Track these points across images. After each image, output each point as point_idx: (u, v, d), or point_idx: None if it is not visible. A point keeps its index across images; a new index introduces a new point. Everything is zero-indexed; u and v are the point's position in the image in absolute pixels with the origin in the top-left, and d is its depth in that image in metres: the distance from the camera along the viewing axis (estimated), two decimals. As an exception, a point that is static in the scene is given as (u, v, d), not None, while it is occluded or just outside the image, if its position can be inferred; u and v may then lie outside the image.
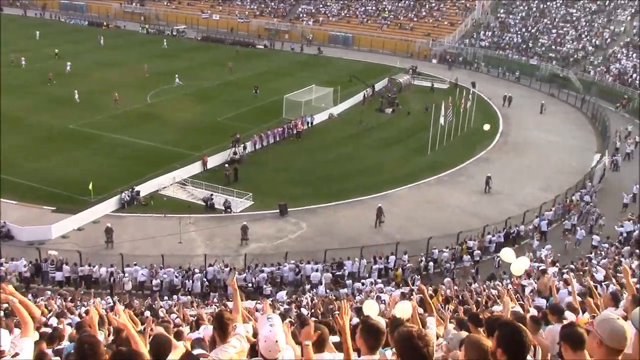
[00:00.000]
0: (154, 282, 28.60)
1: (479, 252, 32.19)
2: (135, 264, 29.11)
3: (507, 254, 6.55)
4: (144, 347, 4.93)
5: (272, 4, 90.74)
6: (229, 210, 35.56)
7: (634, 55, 64.05)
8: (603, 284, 15.38)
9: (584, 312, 9.30)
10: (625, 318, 5.87)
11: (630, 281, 7.81)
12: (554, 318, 7.71)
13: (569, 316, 8.17)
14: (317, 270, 29.44)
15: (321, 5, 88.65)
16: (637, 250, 27.82)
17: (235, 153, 42.51)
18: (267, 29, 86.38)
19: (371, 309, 7.48)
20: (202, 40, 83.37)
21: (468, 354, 3.60)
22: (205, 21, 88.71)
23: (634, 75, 60.77)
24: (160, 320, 12.99)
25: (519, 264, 6.70)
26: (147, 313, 17.14)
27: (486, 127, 46.09)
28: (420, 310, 9.01)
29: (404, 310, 6.73)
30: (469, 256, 31.83)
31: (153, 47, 76.66)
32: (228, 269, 28.11)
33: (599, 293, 11.75)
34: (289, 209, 35.70)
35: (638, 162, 43.58)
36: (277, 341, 4.55)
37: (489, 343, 3.56)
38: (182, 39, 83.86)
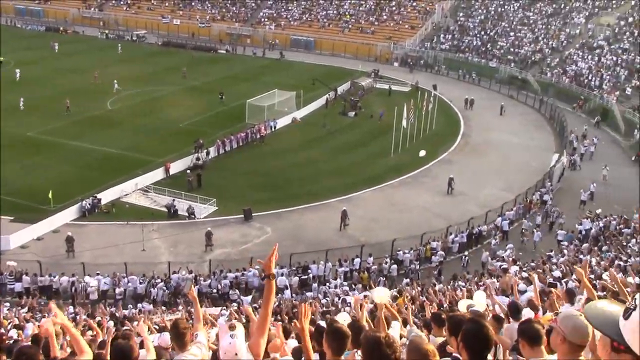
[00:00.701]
0: (117, 290, 28.17)
1: (443, 252, 32.56)
2: (98, 273, 28.63)
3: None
4: (88, 350, 4.85)
5: (234, 8, 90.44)
6: (192, 216, 35.29)
7: (589, 57, 65.63)
8: (562, 281, 15.69)
9: (545, 310, 9.48)
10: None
11: (586, 281, 7.99)
12: (511, 315, 7.88)
13: (528, 314, 8.32)
14: (282, 275, 29.35)
15: (282, 10, 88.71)
16: (595, 247, 28.50)
17: (198, 159, 42.22)
18: (229, 33, 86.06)
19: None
20: (162, 45, 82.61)
21: (408, 356, 3.64)
22: (165, 26, 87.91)
23: (590, 76, 62.22)
24: (123, 329, 12.80)
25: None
26: (111, 322, 16.88)
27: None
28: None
29: (381, 296, 6.74)
30: (437, 257, 32.16)
31: (113, 52, 75.64)
32: (192, 275, 27.84)
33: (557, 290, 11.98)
34: (253, 214, 35.59)
35: (598, 160, 44.69)
36: (236, 354, 4.53)
37: (430, 347, 3.59)
38: (142, 44, 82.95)
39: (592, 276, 15.39)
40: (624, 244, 27.20)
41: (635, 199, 39.66)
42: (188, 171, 40.53)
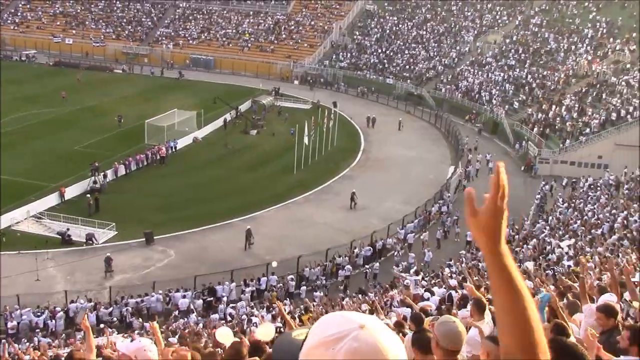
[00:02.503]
0: (9, 324, 26.55)
1: (350, 267, 32.97)
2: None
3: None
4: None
5: (129, 27, 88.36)
6: (90, 242, 33.91)
7: (479, 73, 68.96)
8: (458, 290, 16.26)
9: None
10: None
11: (477, 294, 8.37)
12: (413, 327, 8.06)
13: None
14: (184, 297, 28.77)
15: (181, 29, 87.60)
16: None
17: (95, 182, 40.72)
18: (125, 52, 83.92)
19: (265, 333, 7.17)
20: (54, 65, 79.33)
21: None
22: (57, 45, 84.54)
23: (480, 91, 65.36)
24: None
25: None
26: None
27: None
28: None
29: (265, 334, 6.65)
30: (343, 271, 32.51)
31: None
32: (91, 304, 26.71)
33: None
34: (155, 237, 34.66)
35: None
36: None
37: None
38: (32, 65, 79.30)
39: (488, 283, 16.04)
40: (516, 250, 28.58)
41: (524, 207, 42.02)
42: (88, 195, 38.96)
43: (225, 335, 6.16)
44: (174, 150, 49.61)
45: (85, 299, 28.14)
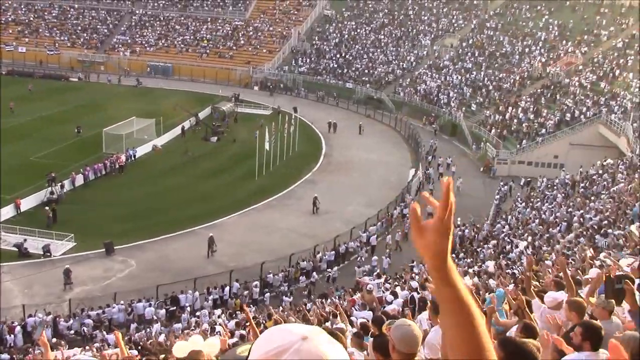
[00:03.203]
0: (-36, 342, 25.79)
1: (314, 273, 32.98)
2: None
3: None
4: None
5: (85, 35, 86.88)
6: (48, 254, 33.16)
7: (437, 76, 69.84)
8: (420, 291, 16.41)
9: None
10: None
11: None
12: (375, 329, 8.10)
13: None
14: (150, 306, 28.39)
15: (137, 36, 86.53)
16: (453, 255, 30.10)
17: (52, 193, 39.87)
18: (81, 60, 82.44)
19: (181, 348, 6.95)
20: (7, 74, 77.41)
21: None
22: (10, 54, 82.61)
23: (439, 94, 66.19)
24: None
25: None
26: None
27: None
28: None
29: (181, 349, 6.11)
30: (303, 277, 32.50)
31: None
32: (50, 317, 26.13)
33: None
34: (115, 247, 34.09)
35: (456, 173, 47.43)
36: None
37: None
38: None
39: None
40: (477, 250, 28.98)
41: (485, 207, 42.71)
42: (47, 207, 38.02)
43: (181, 349, 6.00)
44: (133, 158, 48.95)
45: (44, 312, 27.51)
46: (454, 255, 31.08)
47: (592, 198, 34.41)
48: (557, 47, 66.35)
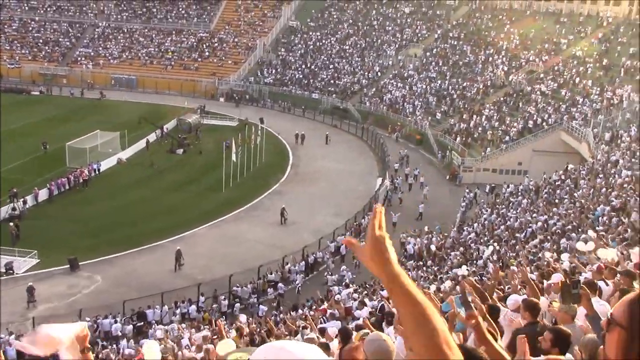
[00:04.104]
0: None
1: (282, 284, 32.86)
2: None
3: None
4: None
5: (46, 47, 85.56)
6: (11, 271, 32.44)
7: (402, 85, 70.49)
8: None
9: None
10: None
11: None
12: (341, 340, 8.14)
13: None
14: (116, 322, 27.94)
15: (101, 48, 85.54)
16: (420, 262, 30.37)
17: (14, 209, 39.05)
18: (42, 74, 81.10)
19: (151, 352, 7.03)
20: (-34, 88, 75.76)
21: None
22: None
23: (404, 103, 66.80)
24: None
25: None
26: None
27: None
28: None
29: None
30: (272, 289, 32.37)
31: None
32: (13, 337, 25.50)
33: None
34: (80, 263, 33.55)
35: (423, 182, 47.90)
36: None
37: None
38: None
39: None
40: (445, 257, 29.22)
41: (451, 215, 43.16)
42: (11, 223, 37.07)
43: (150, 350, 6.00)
44: (97, 172, 48.27)
45: (7, 332, 26.85)
46: (421, 262, 31.34)
47: (556, 202, 35.02)
48: (519, 55, 67.55)
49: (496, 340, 4.89)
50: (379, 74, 74.55)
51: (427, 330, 1.89)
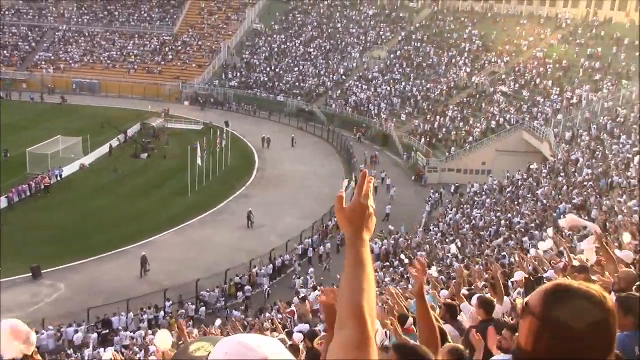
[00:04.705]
0: None
1: (250, 287, 32.75)
2: None
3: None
4: None
5: (5, 52, 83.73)
6: (-30, 282, 31.64)
7: (367, 87, 70.88)
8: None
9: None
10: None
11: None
12: (309, 344, 8.15)
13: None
14: (77, 332, 27.46)
15: (62, 52, 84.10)
16: (387, 264, 30.56)
17: (-27, 217, 38.15)
18: (1, 78, 79.35)
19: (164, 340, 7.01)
20: None
21: None
22: None
23: (369, 105, 67.18)
24: None
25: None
26: None
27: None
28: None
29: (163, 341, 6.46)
30: (240, 292, 32.22)
31: None
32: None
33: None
34: (43, 271, 32.88)
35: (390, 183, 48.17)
36: None
37: None
38: None
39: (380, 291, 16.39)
40: (411, 257, 29.40)
41: (417, 215, 43.53)
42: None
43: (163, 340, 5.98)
44: (59, 178, 47.42)
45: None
46: (388, 264, 31.53)
47: (520, 201, 35.60)
48: (481, 57, 68.51)
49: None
50: (344, 76, 74.83)
51: (359, 298, 2.00)
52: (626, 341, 4.39)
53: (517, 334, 2.12)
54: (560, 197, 32.18)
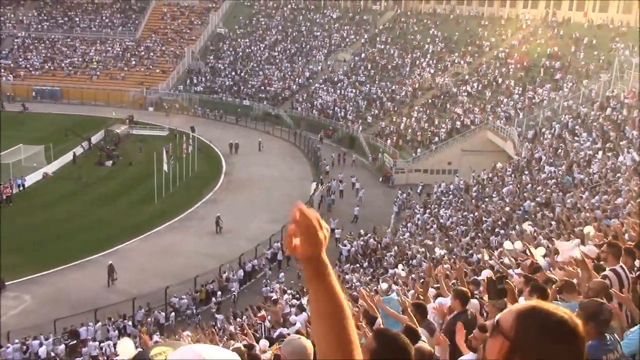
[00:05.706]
0: None
1: (220, 292, 32.55)
2: None
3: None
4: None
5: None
6: None
7: (332, 90, 71.07)
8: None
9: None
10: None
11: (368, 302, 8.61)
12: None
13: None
14: (44, 343, 26.94)
15: (21, 59, 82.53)
16: (357, 265, 30.68)
17: None
18: (-42, 87, 77.57)
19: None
20: None
21: None
22: None
23: (335, 108, 67.36)
24: None
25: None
26: None
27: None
28: None
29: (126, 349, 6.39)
30: (214, 298, 32.02)
31: None
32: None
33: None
34: (6, 283, 32.20)
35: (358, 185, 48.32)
36: None
37: None
38: None
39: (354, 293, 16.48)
40: (380, 258, 29.62)
41: (386, 216, 43.78)
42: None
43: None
44: (21, 188, 46.50)
45: None
46: (358, 265, 31.66)
47: (486, 200, 36.08)
48: (444, 58, 69.26)
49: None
50: (309, 79, 74.90)
51: (340, 327, 1.92)
52: (592, 351, 4.38)
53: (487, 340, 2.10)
54: (525, 194, 32.72)
